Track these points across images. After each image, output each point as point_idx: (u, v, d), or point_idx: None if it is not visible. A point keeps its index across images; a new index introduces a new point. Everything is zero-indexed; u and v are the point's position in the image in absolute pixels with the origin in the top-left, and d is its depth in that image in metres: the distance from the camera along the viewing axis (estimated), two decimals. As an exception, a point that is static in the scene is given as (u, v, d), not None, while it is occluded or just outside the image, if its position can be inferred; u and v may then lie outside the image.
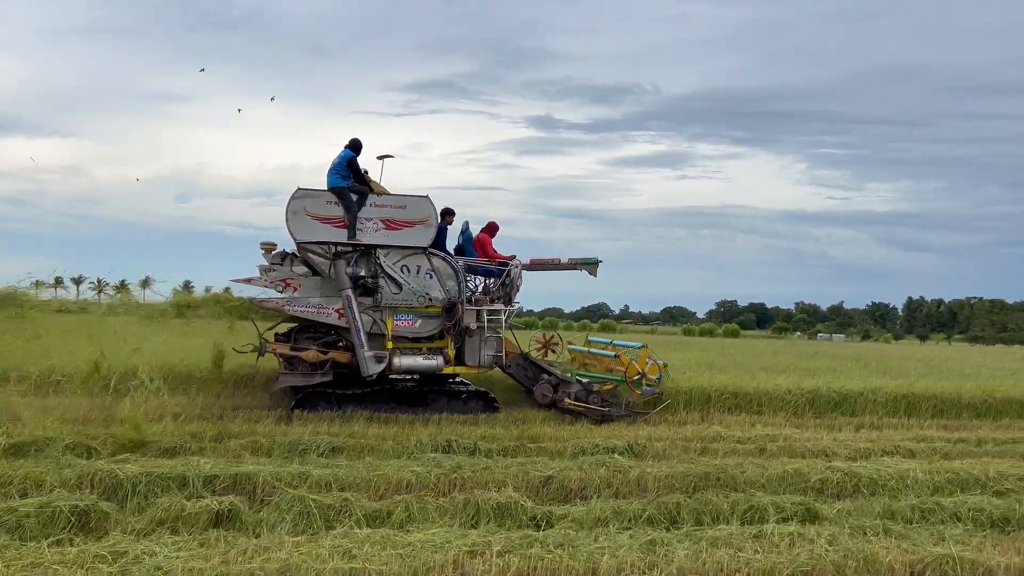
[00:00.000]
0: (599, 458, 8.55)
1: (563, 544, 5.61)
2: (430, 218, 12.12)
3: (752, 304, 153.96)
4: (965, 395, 14.66)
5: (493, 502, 6.54)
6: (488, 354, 12.54)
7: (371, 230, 11.88)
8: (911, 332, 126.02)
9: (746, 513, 6.69)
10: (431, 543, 5.53)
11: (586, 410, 12.33)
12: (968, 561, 5.45)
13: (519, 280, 13.34)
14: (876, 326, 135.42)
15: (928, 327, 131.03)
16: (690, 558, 5.39)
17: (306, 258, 11.99)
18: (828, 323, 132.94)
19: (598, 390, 12.73)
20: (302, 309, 11.87)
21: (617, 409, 12.61)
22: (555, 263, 14.18)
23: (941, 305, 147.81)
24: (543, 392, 12.76)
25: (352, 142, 12.05)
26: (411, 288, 12.07)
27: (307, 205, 11.72)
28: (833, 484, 7.85)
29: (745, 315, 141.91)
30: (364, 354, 11.73)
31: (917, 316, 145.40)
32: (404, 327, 12.19)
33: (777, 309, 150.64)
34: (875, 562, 5.42)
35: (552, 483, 7.65)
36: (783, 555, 5.47)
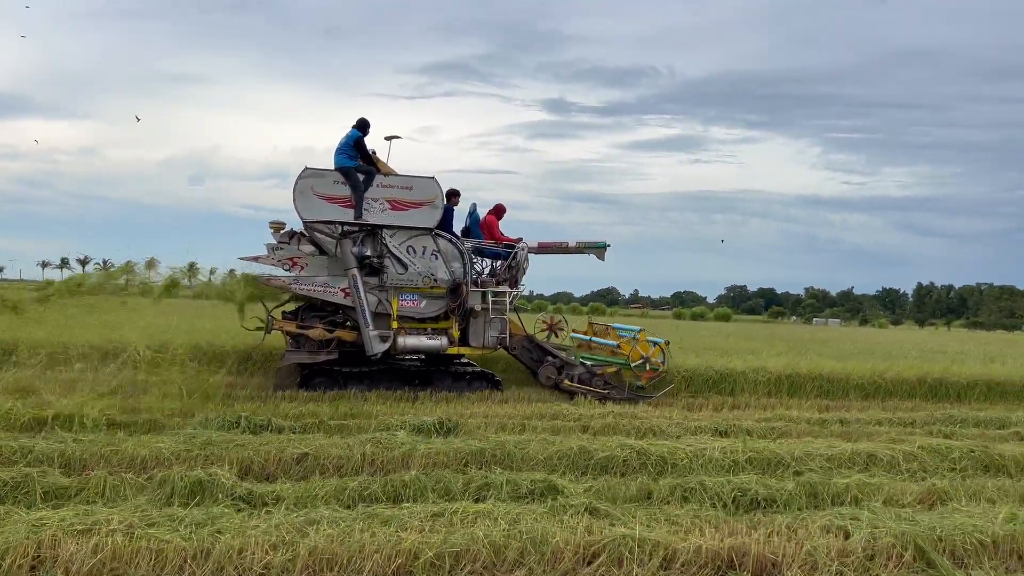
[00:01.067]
0: (386, 434, 7.98)
1: (204, 523, 5.10)
2: (436, 199, 12.08)
3: (762, 289, 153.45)
4: (853, 376, 14.38)
5: (190, 479, 6.11)
6: (492, 335, 12.54)
7: (377, 210, 11.86)
8: (920, 318, 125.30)
9: (480, 490, 6.38)
10: (61, 520, 4.99)
11: (588, 392, 12.33)
12: (652, 542, 5.08)
13: (525, 263, 13.32)
14: (886, 312, 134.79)
15: (937, 313, 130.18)
16: (334, 538, 4.90)
17: (313, 237, 12.00)
18: (837, 308, 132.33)
19: (601, 373, 12.73)
20: (308, 288, 11.89)
21: (620, 392, 12.60)
22: (563, 247, 14.12)
23: (951, 291, 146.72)
24: (547, 374, 12.76)
25: (360, 122, 12.01)
26: (416, 269, 12.07)
27: (314, 184, 11.71)
28: (619, 462, 7.52)
29: (754, 300, 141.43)
30: (369, 333, 11.76)
31: (927, 302, 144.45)
32: (409, 307, 12.20)
33: (787, 294, 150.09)
34: (544, 543, 5.00)
35: (306, 460, 7.20)
36: (439, 535, 5.02)
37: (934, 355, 21.96)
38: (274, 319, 12.23)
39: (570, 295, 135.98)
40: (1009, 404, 14.04)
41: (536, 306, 57.34)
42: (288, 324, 12.11)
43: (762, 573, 5.07)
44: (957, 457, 8.31)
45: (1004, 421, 11.59)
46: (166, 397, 9.76)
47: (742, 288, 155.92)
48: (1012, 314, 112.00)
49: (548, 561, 4.92)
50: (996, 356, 22.46)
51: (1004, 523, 5.82)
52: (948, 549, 5.40)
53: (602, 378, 12.67)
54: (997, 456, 8.42)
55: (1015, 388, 14.74)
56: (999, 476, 8.03)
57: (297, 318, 12.28)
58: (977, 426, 11.32)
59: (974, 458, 8.35)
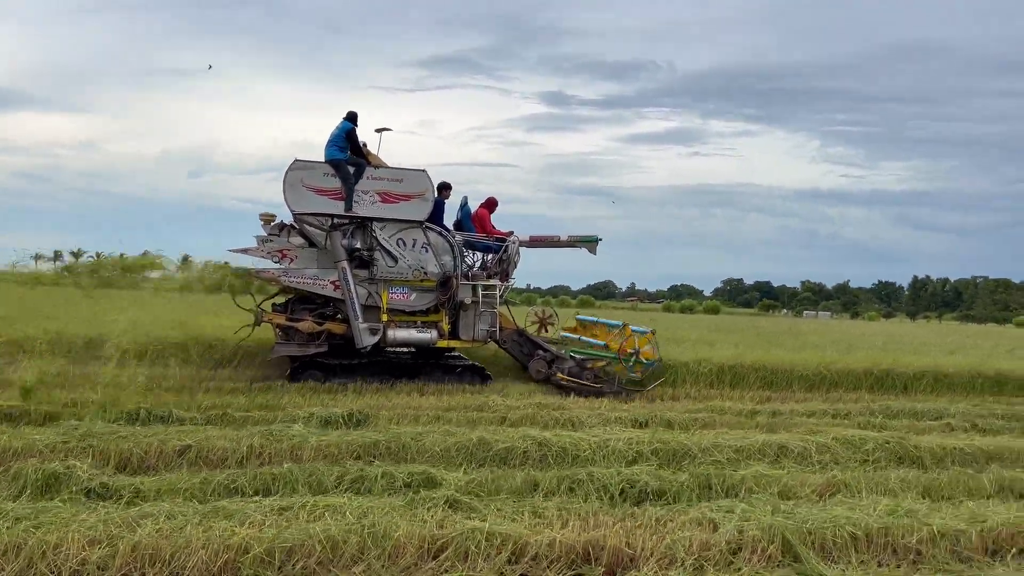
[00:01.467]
0: (282, 427, 7.77)
1: (26, 517, 4.89)
2: (427, 192, 12.02)
3: (758, 283, 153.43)
4: (798, 367, 14.23)
5: (45, 472, 5.89)
6: (482, 329, 12.50)
7: (367, 203, 11.80)
8: (915, 311, 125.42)
9: (355, 483, 6.23)
10: None
11: (579, 386, 12.31)
12: (502, 536, 4.90)
13: (517, 256, 13.27)
14: (882, 305, 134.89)
15: (933, 306, 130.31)
16: (163, 534, 4.72)
17: (303, 230, 11.95)
18: (833, 302, 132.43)
19: (592, 366, 12.70)
20: (298, 280, 11.84)
21: (610, 385, 12.57)
22: (555, 240, 14.07)
23: (946, 285, 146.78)
24: (537, 368, 12.74)
25: (350, 114, 11.95)
26: (407, 261, 12.02)
27: (304, 177, 11.65)
28: (518, 453, 7.34)
29: (750, 294, 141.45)
30: (359, 326, 11.72)
31: (922, 296, 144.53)
32: (399, 300, 12.16)
33: (783, 288, 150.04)
34: (386, 537, 4.81)
35: (189, 452, 6.98)
36: (274, 530, 4.85)
37: (897, 346, 21.63)
38: (263, 312, 12.19)
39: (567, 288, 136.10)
40: (955, 396, 13.82)
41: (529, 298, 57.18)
42: (277, 317, 12.07)
43: (617, 567, 4.90)
44: (871, 448, 8.15)
45: (941, 412, 11.44)
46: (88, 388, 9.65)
47: (738, 282, 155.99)
48: (1006, 307, 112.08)
49: (389, 556, 4.74)
50: (958, 348, 22.21)
51: (882, 516, 5.71)
52: (818, 543, 5.26)
53: (592, 371, 12.64)
54: (912, 448, 8.28)
55: (962, 380, 14.54)
56: (911, 467, 7.89)
57: (287, 311, 12.24)
58: (912, 417, 11.15)
59: (888, 449, 8.20)
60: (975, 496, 6.90)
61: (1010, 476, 7.45)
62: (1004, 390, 14.50)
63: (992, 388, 14.51)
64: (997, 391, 14.46)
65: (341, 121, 11.90)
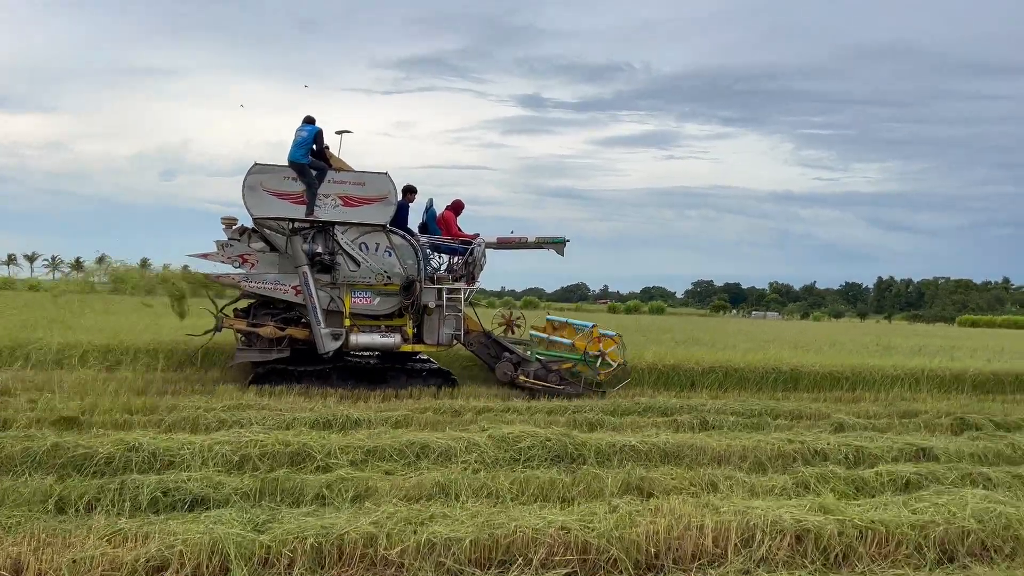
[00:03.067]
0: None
1: None
2: (389, 195, 11.78)
3: (727, 284, 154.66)
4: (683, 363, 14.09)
5: None
6: (447, 332, 12.28)
7: (329, 206, 11.53)
8: (880, 311, 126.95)
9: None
10: None
11: (544, 388, 12.14)
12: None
13: (483, 259, 13.09)
14: (849, 306, 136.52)
15: (897, 307, 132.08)
16: None
17: (263, 234, 11.66)
18: (800, 303, 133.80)
19: (557, 368, 12.54)
20: (258, 285, 11.55)
21: (575, 387, 12.41)
22: (522, 241, 13.92)
23: (910, 285, 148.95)
24: (504, 370, 12.54)
25: (311, 118, 11.67)
26: (369, 265, 11.77)
27: (264, 180, 11.36)
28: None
29: (719, 295, 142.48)
30: (320, 331, 11.45)
31: (887, 296, 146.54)
32: (362, 304, 11.90)
33: (752, 289, 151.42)
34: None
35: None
36: None
37: (787, 344, 21.42)
38: (225, 317, 11.89)
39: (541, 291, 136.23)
40: (744, 391, 13.56)
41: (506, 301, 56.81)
42: (238, 322, 11.77)
43: None
44: (526, 447, 7.55)
45: (693, 408, 10.90)
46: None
47: (708, 283, 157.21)
48: (964, 306, 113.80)
49: None
50: (834, 345, 22.14)
51: (381, 523, 5.03)
52: (275, 554, 4.63)
53: (557, 373, 12.48)
54: (574, 446, 7.74)
55: (755, 375, 14.11)
56: (568, 465, 7.35)
57: (249, 316, 11.93)
58: (658, 413, 10.64)
59: (548, 448, 7.60)
60: (595, 498, 6.31)
61: (645, 476, 6.91)
62: (798, 386, 14.17)
63: (786, 383, 14.14)
64: (792, 387, 14.10)
65: (303, 124, 11.61)
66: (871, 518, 5.54)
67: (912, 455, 8.47)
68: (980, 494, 6.32)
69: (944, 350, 21.70)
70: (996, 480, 7.41)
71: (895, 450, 8.53)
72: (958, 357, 19.03)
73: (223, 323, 11.77)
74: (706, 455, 7.99)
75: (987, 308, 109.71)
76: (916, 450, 8.62)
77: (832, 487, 6.84)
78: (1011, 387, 15.33)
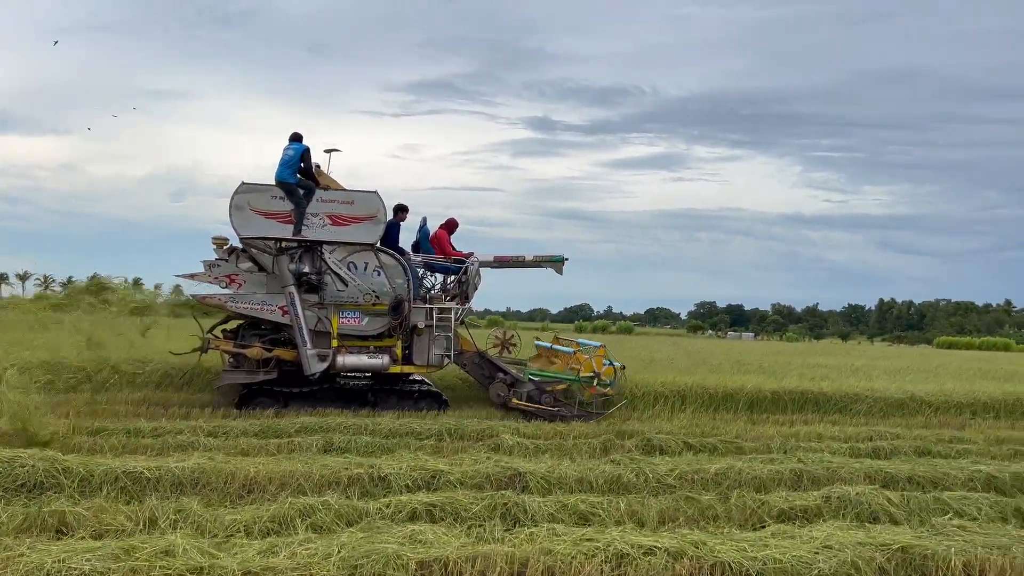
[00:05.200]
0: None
1: None
2: (379, 214, 11.40)
3: (730, 306, 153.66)
4: None
5: None
6: (437, 353, 11.81)
7: (317, 226, 11.15)
8: (882, 333, 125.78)
9: None
10: None
11: (537, 410, 11.65)
12: None
13: (477, 278, 12.68)
14: (852, 328, 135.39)
15: (898, 328, 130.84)
16: None
17: (251, 254, 11.28)
18: (801, 325, 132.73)
19: (551, 390, 12.06)
20: (246, 306, 11.15)
21: (569, 409, 11.93)
22: (520, 260, 13.52)
23: (911, 307, 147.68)
24: (497, 392, 12.06)
25: (298, 135, 11.35)
26: (357, 285, 11.35)
27: (251, 200, 11.00)
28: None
29: (720, 316, 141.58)
30: (307, 352, 11.02)
31: (888, 317, 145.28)
32: (350, 325, 11.47)
33: (755, 310, 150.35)
34: None
35: None
36: None
37: (720, 365, 19.77)
38: (212, 337, 11.48)
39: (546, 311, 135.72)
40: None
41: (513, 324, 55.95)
42: (225, 343, 11.35)
43: None
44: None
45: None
46: None
47: (711, 304, 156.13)
48: (962, 329, 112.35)
49: None
50: (778, 368, 19.97)
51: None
52: None
53: (551, 395, 12.00)
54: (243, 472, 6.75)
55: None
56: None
57: (237, 337, 11.53)
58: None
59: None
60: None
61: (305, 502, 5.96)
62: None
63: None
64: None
65: (290, 142, 11.29)
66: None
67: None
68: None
69: (844, 370, 20.14)
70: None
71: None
72: (860, 376, 18.04)
73: (210, 344, 11.36)
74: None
75: (985, 330, 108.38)
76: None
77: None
78: (793, 406, 13.78)
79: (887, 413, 13.88)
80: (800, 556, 5.12)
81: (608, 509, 6.38)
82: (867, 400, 14.06)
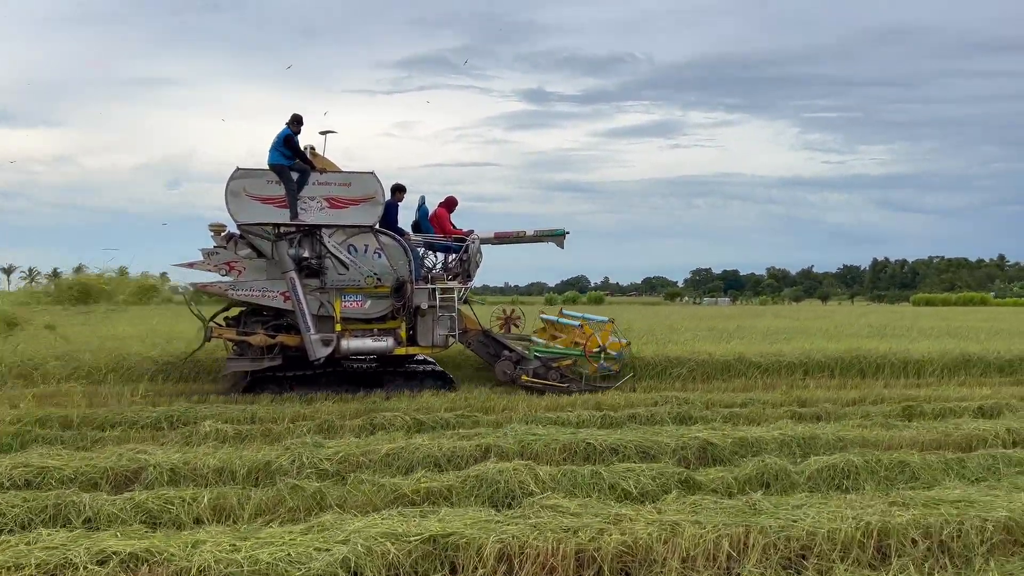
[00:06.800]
0: None
1: None
2: (377, 195, 11.08)
3: (725, 271, 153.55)
4: None
5: None
6: (441, 333, 11.57)
7: (315, 209, 10.84)
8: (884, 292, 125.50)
9: None
10: None
11: (544, 387, 11.44)
12: None
13: (478, 255, 12.38)
14: (845, 289, 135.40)
15: (892, 287, 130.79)
16: None
17: (250, 240, 10.98)
18: (795, 288, 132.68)
19: (557, 366, 11.84)
20: (246, 293, 10.87)
21: (577, 384, 11.72)
22: (521, 236, 13.23)
23: (904, 266, 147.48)
24: (504, 369, 11.84)
25: (293, 117, 10.98)
26: (358, 268, 11.07)
27: (247, 185, 10.67)
28: None
29: (715, 283, 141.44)
30: (311, 337, 10.76)
31: (882, 277, 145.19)
32: (353, 308, 11.20)
33: (751, 275, 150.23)
34: None
35: None
36: None
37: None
38: (214, 326, 11.22)
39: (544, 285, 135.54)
40: None
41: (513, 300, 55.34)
42: (228, 331, 11.10)
43: None
44: None
45: None
46: None
47: (707, 271, 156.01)
48: (952, 286, 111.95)
49: None
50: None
51: None
52: None
53: (558, 371, 11.79)
54: None
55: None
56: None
57: (239, 324, 11.27)
58: None
59: None
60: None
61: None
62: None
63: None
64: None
65: (283, 126, 10.93)
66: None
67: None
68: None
69: (779, 333, 19.91)
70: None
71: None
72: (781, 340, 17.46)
73: (213, 333, 11.11)
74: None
75: (976, 286, 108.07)
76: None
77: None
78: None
79: (709, 376, 12.89)
80: (290, 556, 4.18)
81: (189, 505, 5.41)
82: (688, 363, 13.07)
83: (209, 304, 12.05)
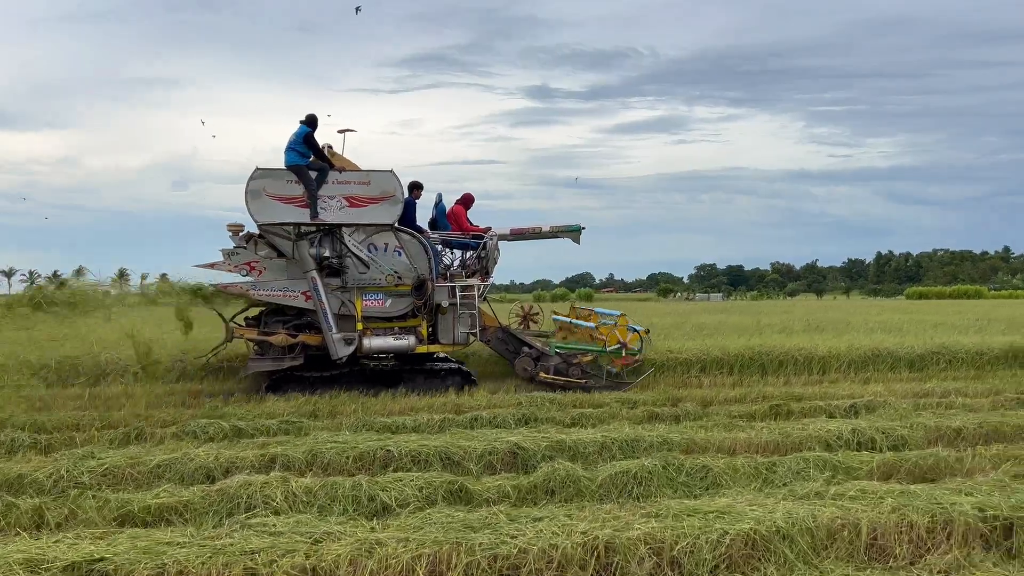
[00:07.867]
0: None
1: None
2: (396, 193, 10.99)
3: (729, 267, 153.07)
4: None
5: None
6: (462, 331, 11.48)
7: (335, 208, 10.75)
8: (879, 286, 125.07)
9: None
10: None
11: (565, 383, 11.34)
12: None
13: (496, 252, 12.28)
14: (851, 283, 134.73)
15: (897, 281, 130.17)
16: None
17: (270, 240, 10.90)
18: (799, 282, 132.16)
19: (578, 362, 11.73)
20: (268, 293, 10.79)
21: (598, 380, 11.61)
22: (537, 231, 13.12)
23: (909, 259, 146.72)
24: (523, 366, 11.75)
25: (308, 117, 10.90)
26: (379, 267, 10.98)
27: (267, 185, 10.59)
28: None
29: (719, 278, 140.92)
30: (333, 337, 10.69)
31: (887, 270, 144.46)
32: (374, 307, 11.12)
33: (756, 271, 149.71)
34: None
35: None
36: None
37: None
38: (236, 327, 11.15)
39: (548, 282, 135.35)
40: None
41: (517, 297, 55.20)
42: (249, 331, 11.02)
43: None
44: None
45: None
46: None
47: (711, 267, 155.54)
48: (954, 278, 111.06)
49: None
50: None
51: None
52: None
53: (579, 367, 11.68)
54: None
55: None
56: None
57: (260, 324, 11.19)
58: None
59: None
60: None
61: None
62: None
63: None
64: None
65: (299, 125, 10.85)
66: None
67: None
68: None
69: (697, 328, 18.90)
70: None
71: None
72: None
73: (234, 333, 11.04)
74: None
75: (979, 279, 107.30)
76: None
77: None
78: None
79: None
80: None
81: None
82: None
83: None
